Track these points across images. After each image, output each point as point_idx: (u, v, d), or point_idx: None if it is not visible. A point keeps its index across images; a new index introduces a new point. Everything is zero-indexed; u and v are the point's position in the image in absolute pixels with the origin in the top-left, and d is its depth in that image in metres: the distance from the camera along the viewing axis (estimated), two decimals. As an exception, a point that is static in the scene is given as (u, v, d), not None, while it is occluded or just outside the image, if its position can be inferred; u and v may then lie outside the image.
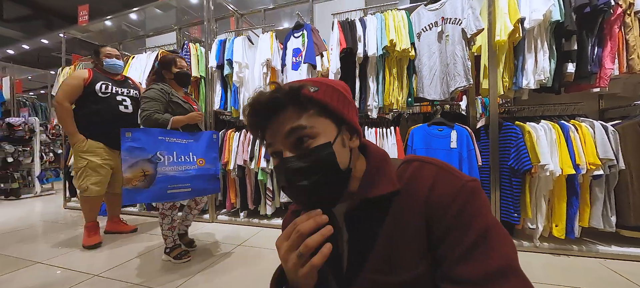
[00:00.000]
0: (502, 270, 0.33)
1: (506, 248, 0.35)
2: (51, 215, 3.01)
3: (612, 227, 1.60)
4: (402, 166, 0.45)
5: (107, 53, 2.02)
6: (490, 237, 0.35)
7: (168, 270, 1.58)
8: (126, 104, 2.05)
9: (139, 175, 1.40)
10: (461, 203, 0.37)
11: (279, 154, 0.42)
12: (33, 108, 5.12)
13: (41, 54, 7.91)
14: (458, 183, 0.39)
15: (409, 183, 0.42)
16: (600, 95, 1.97)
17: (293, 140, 0.41)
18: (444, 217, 0.37)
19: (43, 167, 4.32)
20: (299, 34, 2.19)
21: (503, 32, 1.64)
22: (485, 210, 0.37)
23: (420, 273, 0.38)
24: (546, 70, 1.65)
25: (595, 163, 1.53)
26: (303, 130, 0.41)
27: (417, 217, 0.39)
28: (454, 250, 0.36)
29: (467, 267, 0.34)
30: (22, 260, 1.75)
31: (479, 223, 0.36)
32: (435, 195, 0.39)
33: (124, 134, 1.41)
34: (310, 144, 0.41)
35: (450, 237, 0.36)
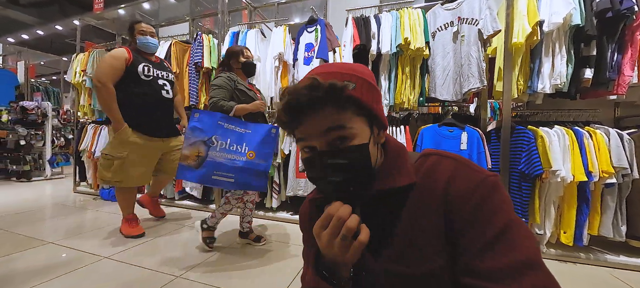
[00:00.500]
0: (525, 264, 0.32)
1: (528, 242, 0.34)
2: (61, 198, 3.08)
3: (622, 237, 1.57)
4: (419, 160, 0.45)
5: (141, 30, 1.85)
6: (511, 232, 0.34)
7: (175, 256, 1.61)
8: (167, 88, 1.91)
9: (194, 155, 1.45)
10: (481, 197, 0.37)
11: (313, 148, 0.42)
12: (46, 93, 5.21)
13: (54, 40, 8.04)
14: (478, 177, 0.38)
15: (426, 176, 0.42)
16: (616, 103, 1.93)
17: (330, 138, 0.41)
18: (464, 211, 0.37)
19: (54, 152, 4.41)
20: (312, 29, 2.19)
21: (521, 34, 1.61)
22: (506, 205, 0.37)
23: (436, 267, 0.38)
24: (563, 75, 1.62)
25: (609, 171, 1.50)
26: (342, 130, 0.41)
27: (436, 210, 0.39)
28: (475, 244, 0.35)
29: (489, 261, 0.34)
30: (34, 240, 1.80)
31: (500, 217, 0.35)
32: (455, 188, 0.38)
33: (193, 113, 1.48)
34: (347, 143, 0.41)
35: (471, 231, 0.36)
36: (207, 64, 2.50)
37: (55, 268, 1.42)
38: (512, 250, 0.33)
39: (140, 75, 1.78)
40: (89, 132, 3.16)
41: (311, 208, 0.55)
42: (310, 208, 0.56)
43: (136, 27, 1.86)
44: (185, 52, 2.67)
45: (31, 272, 1.38)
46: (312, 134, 0.41)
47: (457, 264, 0.37)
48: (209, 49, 2.54)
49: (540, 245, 1.68)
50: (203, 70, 2.53)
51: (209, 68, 2.52)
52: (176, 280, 1.34)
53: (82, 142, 3.18)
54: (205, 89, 2.59)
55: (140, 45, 1.85)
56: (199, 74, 2.58)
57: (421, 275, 0.38)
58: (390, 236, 0.42)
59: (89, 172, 3.24)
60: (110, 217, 2.36)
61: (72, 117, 4.45)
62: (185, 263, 1.50)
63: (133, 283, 1.31)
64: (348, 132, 0.41)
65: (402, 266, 0.40)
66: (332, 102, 0.40)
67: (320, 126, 0.40)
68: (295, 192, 2.22)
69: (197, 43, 2.52)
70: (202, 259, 1.56)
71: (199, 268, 1.46)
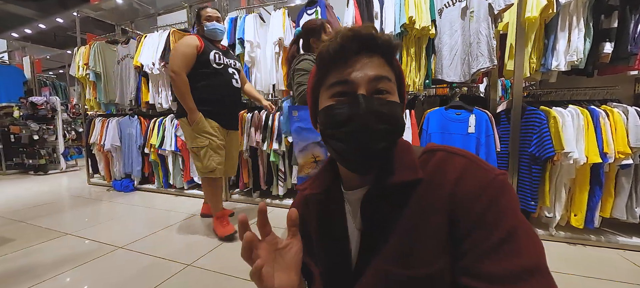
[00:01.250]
0: (529, 269, 0.31)
1: (535, 247, 0.33)
2: (77, 190, 3.20)
3: (636, 219, 1.53)
4: (424, 155, 0.43)
5: (208, 15, 1.74)
6: (518, 235, 0.33)
7: (186, 245, 1.66)
8: (236, 77, 1.80)
9: (310, 161, 1.21)
10: (490, 199, 0.35)
11: (350, 93, 0.40)
12: (53, 87, 5.29)
13: (57, 33, 8.04)
14: (487, 177, 0.37)
15: (433, 173, 0.40)
16: (637, 79, 1.81)
17: (375, 86, 0.40)
18: (471, 212, 0.35)
19: (66, 145, 4.54)
20: (312, 11, 2.10)
21: (535, 8, 1.50)
22: (514, 207, 0.35)
23: (438, 269, 0.37)
24: (580, 51, 1.52)
25: (625, 152, 1.44)
26: (387, 83, 0.41)
27: (441, 210, 0.37)
28: (479, 246, 0.34)
29: (491, 264, 0.33)
30: (52, 231, 1.89)
31: (507, 221, 0.34)
32: (462, 188, 0.37)
33: (291, 112, 1.24)
34: (386, 97, 0.41)
35: (476, 233, 0.35)
36: (207, 53, 2.45)
37: (74, 258, 1.49)
38: (517, 255, 0.32)
39: (211, 64, 1.67)
40: (97, 125, 3.22)
41: (305, 207, 0.53)
42: (302, 207, 0.53)
43: (202, 13, 1.75)
44: (184, 41, 2.62)
45: (52, 262, 1.46)
46: (357, 77, 0.40)
47: (459, 265, 0.36)
48: (208, 37, 2.48)
49: (550, 228, 1.66)
50: (203, 59, 2.49)
51: (209, 57, 2.48)
52: (187, 268, 1.39)
53: (91, 136, 3.24)
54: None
55: (208, 32, 1.73)
56: (200, 64, 2.54)
57: (420, 276, 0.37)
58: (392, 235, 0.40)
59: (101, 165, 3.33)
60: (124, 207, 2.45)
61: (80, 110, 4.53)
62: (196, 252, 1.55)
63: (147, 271, 1.37)
64: (391, 87, 0.42)
65: (402, 267, 0.39)
66: (384, 54, 0.41)
67: (371, 69, 0.40)
68: (301, 179, 2.23)
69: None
70: (212, 246, 1.61)
71: (210, 256, 1.51)
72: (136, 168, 2.97)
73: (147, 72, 2.66)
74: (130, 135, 2.98)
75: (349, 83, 0.40)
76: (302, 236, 0.53)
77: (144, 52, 2.68)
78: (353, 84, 0.40)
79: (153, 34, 2.73)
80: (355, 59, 0.40)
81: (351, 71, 0.40)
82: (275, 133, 2.25)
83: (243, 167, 2.52)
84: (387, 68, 0.42)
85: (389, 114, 0.40)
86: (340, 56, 0.40)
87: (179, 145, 2.67)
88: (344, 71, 0.40)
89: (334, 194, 0.48)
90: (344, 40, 0.39)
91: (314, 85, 0.46)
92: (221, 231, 1.72)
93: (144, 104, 2.85)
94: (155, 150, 2.80)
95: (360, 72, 0.40)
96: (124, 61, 2.95)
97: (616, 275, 1.29)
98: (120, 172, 3.11)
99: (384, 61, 0.41)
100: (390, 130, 0.40)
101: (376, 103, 0.39)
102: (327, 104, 0.42)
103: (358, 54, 0.40)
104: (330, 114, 0.41)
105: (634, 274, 1.30)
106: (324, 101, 0.43)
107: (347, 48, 0.40)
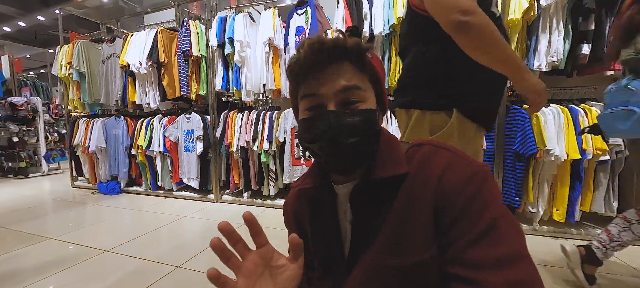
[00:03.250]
0: (511, 256, 0.33)
1: (517, 235, 0.35)
2: (60, 193, 3.09)
3: (613, 212, 1.60)
4: (411, 149, 0.44)
5: None
6: (500, 224, 0.35)
7: (175, 247, 1.64)
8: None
9: None
10: (473, 190, 0.36)
11: (320, 106, 0.41)
12: (34, 87, 5.09)
13: (39, 32, 7.74)
14: (470, 169, 0.38)
15: (420, 167, 0.41)
16: (613, 79, 1.90)
17: (344, 97, 0.40)
18: (456, 203, 0.37)
19: (48, 147, 4.38)
20: (302, 11, 2.10)
21: (517, 10, 1.56)
22: (496, 197, 0.37)
23: (425, 257, 0.38)
24: (560, 52, 1.59)
25: (603, 148, 1.51)
26: (358, 91, 0.40)
27: (428, 201, 0.39)
28: (464, 236, 0.35)
29: (477, 252, 0.34)
30: (35, 236, 1.82)
31: (490, 210, 0.35)
32: (447, 180, 0.38)
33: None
34: (358, 106, 0.41)
35: (461, 223, 0.36)
36: (195, 52, 2.42)
37: (59, 263, 1.44)
38: (500, 243, 0.34)
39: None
40: (81, 126, 3.12)
41: (298, 202, 0.54)
42: (296, 203, 0.54)
43: None
44: (172, 40, 2.58)
45: (34, 268, 1.41)
46: (324, 87, 0.40)
47: (445, 254, 0.37)
48: (197, 36, 2.45)
49: (534, 223, 1.72)
50: (192, 58, 2.46)
51: (198, 56, 2.45)
52: (177, 270, 1.37)
53: (75, 137, 3.14)
54: (196, 78, 2.53)
55: None
56: (188, 63, 2.51)
57: (410, 265, 0.39)
58: (381, 227, 0.41)
59: (85, 167, 3.23)
60: (110, 210, 2.38)
61: (63, 111, 4.38)
62: (186, 253, 1.53)
63: (134, 274, 1.34)
64: (362, 95, 0.41)
65: (392, 257, 0.40)
66: (353, 60, 0.40)
67: (336, 83, 0.39)
68: (292, 179, 2.22)
69: (184, 30, 2.43)
70: (202, 248, 1.59)
71: (199, 258, 1.49)
72: (123, 170, 2.90)
73: (134, 72, 2.60)
74: (116, 136, 2.90)
75: (318, 96, 0.40)
76: (298, 232, 0.53)
77: (131, 51, 2.61)
78: (322, 97, 0.40)
79: (140, 32, 2.67)
80: (325, 70, 0.39)
81: (320, 84, 0.40)
82: (265, 132, 2.24)
83: (234, 168, 2.50)
84: (358, 74, 0.41)
85: (359, 126, 0.40)
86: (309, 68, 0.40)
87: (168, 145, 2.62)
88: (313, 84, 0.40)
89: (326, 189, 0.49)
90: (311, 52, 0.39)
91: (291, 94, 0.47)
92: None
93: (131, 104, 2.79)
94: (142, 152, 2.74)
95: (327, 86, 0.40)
96: (110, 60, 2.88)
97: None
98: (106, 174, 3.02)
99: (355, 67, 0.41)
100: (361, 141, 0.41)
101: (345, 117, 0.39)
102: (303, 116, 0.43)
103: (328, 65, 0.39)
104: (305, 127, 0.43)
105: (613, 264, 1.36)
106: (301, 111, 0.44)
107: (314, 60, 0.39)
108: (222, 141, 2.42)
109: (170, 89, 2.56)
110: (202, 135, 2.50)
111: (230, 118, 2.41)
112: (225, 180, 2.61)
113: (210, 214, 2.22)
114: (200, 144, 2.51)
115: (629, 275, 1.30)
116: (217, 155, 2.54)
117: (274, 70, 2.25)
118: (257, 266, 0.37)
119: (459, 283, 0.34)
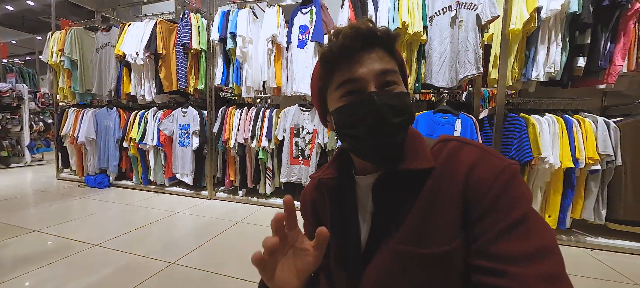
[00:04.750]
0: (541, 250, 0.32)
1: (546, 231, 0.34)
2: (44, 185, 2.96)
3: (602, 220, 1.66)
4: (437, 145, 0.44)
5: None
6: (530, 220, 0.34)
7: (168, 243, 1.59)
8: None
9: None
10: (503, 185, 0.36)
11: (360, 91, 0.41)
12: (20, 74, 4.88)
13: (26, 17, 7.45)
14: (501, 164, 0.38)
15: (446, 161, 0.41)
16: (604, 92, 1.98)
17: (383, 80, 0.41)
18: (485, 197, 0.37)
19: (33, 137, 4.20)
20: (307, 10, 2.10)
21: (518, 21, 1.60)
22: (526, 195, 0.37)
23: (450, 250, 0.38)
24: (557, 63, 1.64)
25: (594, 158, 1.56)
26: (395, 74, 0.42)
27: (455, 195, 0.39)
28: (493, 229, 0.35)
29: (506, 244, 0.34)
30: (17, 228, 1.73)
31: (520, 206, 0.35)
32: (477, 175, 0.38)
33: None
34: (394, 88, 0.42)
35: (490, 217, 0.36)
36: (196, 45, 2.38)
37: (43, 257, 1.37)
38: (530, 237, 0.33)
39: None
40: (70, 116, 3.01)
41: (317, 192, 0.53)
42: (315, 192, 0.54)
43: None
44: (171, 32, 2.52)
45: (18, 260, 1.33)
46: (365, 74, 0.40)
47: (472, 247, 0.37)
48: (198, 29, 2.41)
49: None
50: (191, 51, 2.42)
51: (198, 49, 2.41)
52: (170, 266, 1.32)
53: (63, 127, 3.02)
54: (194, 72, 2.49)
55: None
56: (187, 56, 2.46)
57: (431, 255, 0.39)
58: (405, 218, 0.41)
59: (73, 159, 3.11)
60: (98, 204, 2.29)
61: (50, 100, 4.21)
62: (179, 250, 1.48)
63: (125, 270, 1.28)
64: (397, 77, 0.42)
65: (415, 246, 0.40)
66: (385, 46, 0.42)
67: (375, 65, 0.40)
68: (289, 178, 2.20)
69: (184, 22, 2.39)
70: (195, 245, 1.55)
71: (193, 255, 1.44)
72: (113, 163, 2.80)
73: (130, 62, 2.53)
74: (108, 127, 2.81)
75: (357, 80, 0.41)
76: (314, 222, 0.52)
77: (127, 41, 2.55)
78: (362, 81, 0.40)
79: (138, 22, 2.61)
80: (359, 55, 0.40)
81: (358, 68, 0.40)
82: (264, 130, 2.21)
83: (230, 164, 2.46)
84: (390, 59, 0.42)
85: (402, 106, 0.41)
86: (344, 55, 0.41)
87: (162, 139, 2.55)
88: (350, 69, 0.41)
89: (346, 179, 0.49)
90: (346, 38, 0.40)
91: (320, 87, 0.46)
92: None
93: (125, 96, 2.71)
94: (135, 145, 2.66)
95: (366, 68, 0.40)
96: (104, 49, 2.79)
97: (585, 272, 1.39)
98: (94, 166, 2.91)
99: (386, 53, 0.42)
100: (405, 121, 0.42)
101: (389, 97, 0.40)
102: (339, 104, 0.43)
103: (361, 51, 0.41)
104: (346, 114, 0.42)
105: (601, 271, 1.40)
106: (334, 101, 0.44)
107: (349, 46, 0.40)
108: (219, 137, 2.37)
109: (167, 81, 2.50)
110: (199, 130, 2.45)
111: (229, 114, 2.37)
112: (220, 177, 2.56)
113: (204, 211, 2.17)
114: (196, 139, 2.46)
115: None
116: (213, 151, 2.50)
117: (276, 68, 2.23)
118: (286, 246, 0.37)
119: (487, 275, 0.34)
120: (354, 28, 0.40)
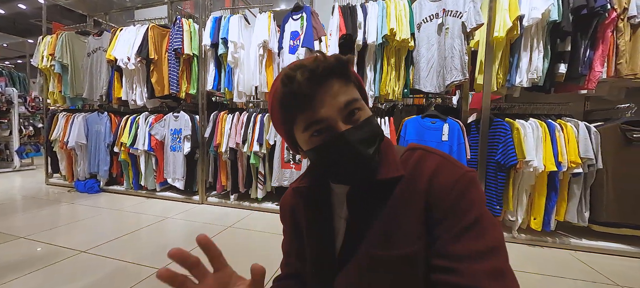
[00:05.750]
0: (490, 249, 0.36)
1: (495, 232, 0.38)
2: (33, 190, 2.92)
3: (585, 222, 1.70)
4: (406, 153, 0.47)
5: None
6: (482, 222, 0.38)
7: (157, 248, 1.58)
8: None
9: None
10: (460, 192, 0.40)
11: (329, 129, 0.41)
12: (10, 78, 4.81)
13: (17, 20, 7.36)
14: (458, 172, 0.41)
15: (413, 170, 0.44)
16: (586, 97, 2.04)
17: (347, 112, 0.41)
18: (444, 203, 0.40)
19: (22, 141, 4.13)
20: (297, 17, 2.13)
21: (502, 28, 1.65)
22: (480, 199, 0.40)
23: (415, 250, 0.41)
24: (539, 69, 1.69)
25: (576, 161, 1.60)
26: (357, 102, 0.42)
27: (418, 201, 0.42)
28: (450, 232, 0.39)
29: (459, 245, 0.37)
30: (3, 235, 1.70)
31: (474, 210, 0.39)
32: (437, 182, 0.41)
33: None
34: (360, 116, 0.42)
35: (448, 220, 0.39)
36: (187, 51, 2.39)
37: (30, 263, 1.36)
38: (481, 238, 0.37)
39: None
40: (60, 120, 2.97)
41: (295, 199, 0.55)
42: (293, 199, 0.56)
43: None
44: (163, 37, 2.53)
45: (4, 267, 1.32)
46: (330, 113, 0.40)
47: (432, 248, 0.40)
48: (190, 35, 2.42)
49: (513, 231, 1.79)
50: (183, 56, 2.42)
51: (190, 54, 2.42)
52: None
53: (53, 132, 2.99)
54: (186, 77, 2.49)
55: None
56: (179, 61, 2.46)
57: (397, 257, 0.41)
58: (375, 224, 0.44)
59: (62, 164, 3.07)
60: (87, 210, 2.27)
61: (40, 104, 4.16)
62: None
63: (114, 276, 1.28)
64: (360, 103, 0.43)
65: (381, 249, 0.42)
66: (339, 75, 0.41)
67: (336, 102, 0.40)
68: (281, 182, 2.21)
69: (176, 28, 2.40)
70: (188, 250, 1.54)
71: (182, 261, 1.44)
72: (103, 168, 2.78)
73: (121, 67, 2.53)
74: (98, 132, 2.79)
75: (323, 121, 0.40)
76: (293, 227, 0.55)
77: (119, 45, 2.54)
78: (328, 120, 0.40)
79: (130, 27, 2.61)
80: (318, 93, 0.39)
81: (320, 109, 0.40)
82: (256, 135, 2.23)
83: (221, 169, 2.46)
84: (348, 86, 0.42)
85: (372, 134, 0.43)
86: (302, 97, 0.39)
87: (153, 144, 2.54)
88: (313, 112, 0.40)
89: (322, 187, 0.51)
90: (301, 86, 0.38)
91: (286, 129, 0.45)
92: None
93: (116, 100, 2.69)
94: (126, 149, 2.64)
95: (329, 107, 0.40)
96: (96, 54, 2.78)
97: (569, 273, 1.42)
98: (84, 171, 2.88)
99: (343, 81, 0.41)
100: (377, 146, 0.44)
101: (359, 132, 0.41)
102: (311, 144, 0.43)
103: (319, 88, 0.40)
104: (322, 155, 0.43)
105: (584, 272, 1.44)
106: (305, 141, 0.44)
107: (307, 93, 0.39)
108: (211, 142, 2.38)
109: (159, 86, 2.50)
110: (190, 134, 2.45)
111: (221, 118, 2.37)
112: (211, 181, 2.55)
113: (195, 216, 2.17)
114: (188, 143, 2.45)
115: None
116: (205, 156, 2.50)
117: (267, 73, 2.25)
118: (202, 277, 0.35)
119: (442, 273, 0.38)
120: (305, 70, 0.38)
